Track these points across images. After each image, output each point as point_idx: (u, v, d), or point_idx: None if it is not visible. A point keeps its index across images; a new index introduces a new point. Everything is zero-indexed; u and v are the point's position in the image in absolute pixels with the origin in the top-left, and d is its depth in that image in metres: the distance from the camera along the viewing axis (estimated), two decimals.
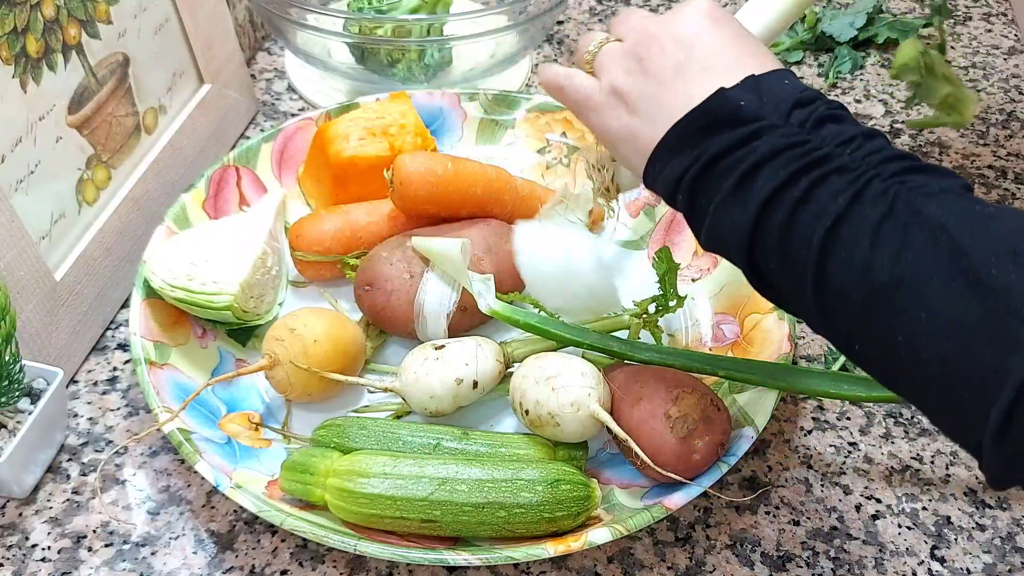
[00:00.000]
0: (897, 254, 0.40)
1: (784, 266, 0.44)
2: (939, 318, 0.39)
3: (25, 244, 0.63)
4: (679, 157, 0.48)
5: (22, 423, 0.60)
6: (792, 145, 0.44)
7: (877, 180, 0.42)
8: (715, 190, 0.46)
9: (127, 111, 0.75)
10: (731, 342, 0.70)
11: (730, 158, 0.46)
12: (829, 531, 0.62)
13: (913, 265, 0.40)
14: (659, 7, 1.10)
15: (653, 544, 0.61)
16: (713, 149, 0.46)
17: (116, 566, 0.59)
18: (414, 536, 0.58)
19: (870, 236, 0.41)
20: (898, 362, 0.41)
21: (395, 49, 0.88)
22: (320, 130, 0.77)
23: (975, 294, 0.38)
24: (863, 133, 0.45)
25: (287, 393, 0.65)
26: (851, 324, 0.43)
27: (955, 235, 0.39)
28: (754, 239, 0.45)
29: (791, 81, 0.48)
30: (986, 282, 0.37)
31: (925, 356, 0.39)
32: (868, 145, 0.44)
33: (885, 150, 0.44)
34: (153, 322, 0.67)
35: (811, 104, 0.46)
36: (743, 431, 0.61)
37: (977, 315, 0.38)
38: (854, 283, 0.41)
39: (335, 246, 0.73)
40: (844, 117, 0.46)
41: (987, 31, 1.09)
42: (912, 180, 0.42)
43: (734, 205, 0.45)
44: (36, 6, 0.64)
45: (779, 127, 0.45)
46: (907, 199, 0.41)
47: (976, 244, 0.38)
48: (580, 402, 0.58)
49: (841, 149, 0.44)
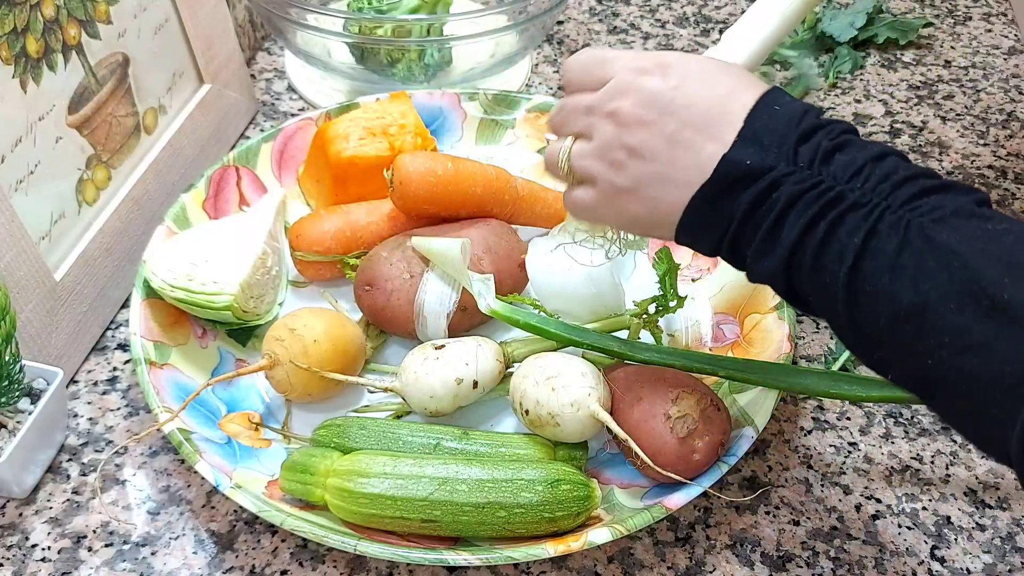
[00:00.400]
0: (915, 283, 0.42)
1: (821, 302, 0.46)
2: (961, 340, 0.40)
3: (25, 244, 0.63)
4: (708, 230, 0.49)
5: (22, 423, 0.60)
6: (807, 190, 0.45)
7: (889, 213, 0.43)
8: (747, 244, 0.48)
9: (127, 111, 0.75)
10: (731, 342, 0.70)
11: (755, 215, 0.47)
12: (829, 531, 0.62)
13: (931, 292, 0.41)
14: (659, 7, 1.10)
15: (653, 544, 0.61)
16: (738, 213, 0.47)
17: (116, 566, 0.59)
18: (414, 536, 0.58)
19: (889, 268, 0.43)
20: (931, 383, 0.43)
21: (395, 49, 0.88)
22: (320, 130, 0.77)
23: (991, 314, 0.39)
24: (872, 157, 0.45)
25: (287, 393, 0.65)
26: (884, 350, 0.45)
27: (967, 259, 0.41)
28: (790, 283, 0.47)
29: (782, 105, 0.48)
30: (1000, 301, 0.39)
31: (953, 376, 0.41)
32: (878, 171, 0.45)
33: (894, 174, 0.45)
34: (153, 322, 0.67)
35: (813, 136, 0.46)
36: (743, 431, 0.61)
37: (994, 332, 0.39)
38: (881, 313, 0.43)
39: (335, 246, 0.73)
40: (848, 143, 0.46)
41: (987, 31, 1.09)
42: (924, 204, 0.43)
43: (765, 257, 0.47)
44: (36, 6, 0.64)
45: (791, 173, 0.46)
46: (919, 227, 0.42)
47: (988, 264, 0.40)
48: (580, 402, 0.58)
49: (853, 183, 0.45)
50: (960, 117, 0.96)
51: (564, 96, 0.55)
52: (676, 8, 1.10)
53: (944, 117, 0.96)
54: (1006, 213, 0.85)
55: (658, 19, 1.09)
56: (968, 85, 1.01)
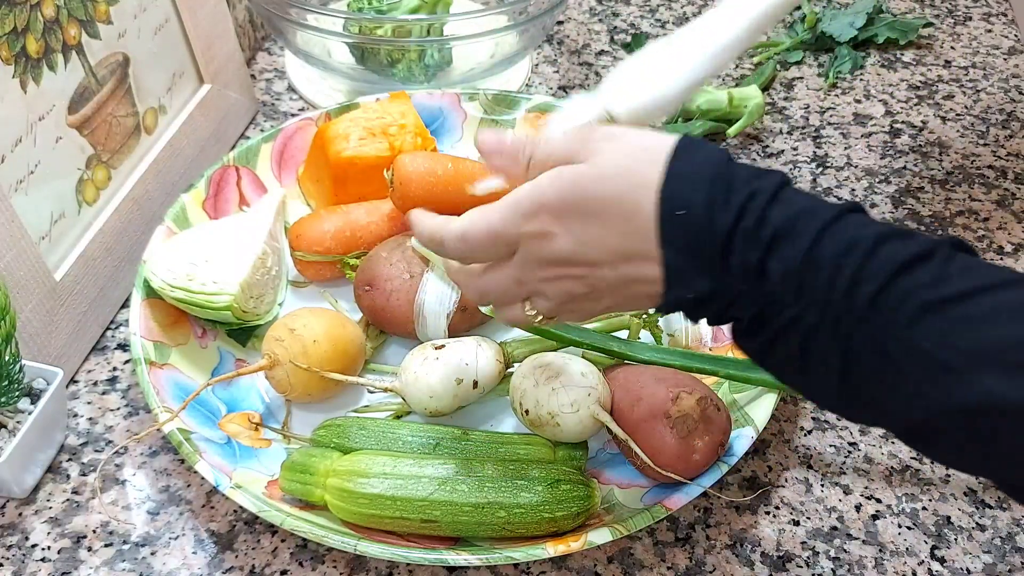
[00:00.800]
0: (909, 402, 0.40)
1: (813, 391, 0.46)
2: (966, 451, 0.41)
3: (25, 244, 0.63)
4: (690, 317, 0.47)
5: (22, 423, 0.60)
6: (762, 312, 0.43)
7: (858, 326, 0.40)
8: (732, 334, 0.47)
9: (127, 111, 0.75)
10: (731, 342, 0.70)
11: (724, 322, 0.46)
12: (829, 531, 0.62)
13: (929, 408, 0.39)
14: (659, 7, 1.10)
15: (653, 544, 0.61)
16: (710, 322, 0.46)
17: (116, 566, 0.59)
18: (414, 536, 0.58)
19: (880, 385, 0.41)
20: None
21: (395, 49, 0.88)
22: (320, 130, 0.77)
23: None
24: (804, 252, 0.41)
25: (287, 393, 0.65)
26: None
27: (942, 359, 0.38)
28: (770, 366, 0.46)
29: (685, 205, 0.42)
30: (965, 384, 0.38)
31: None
32: (820, 276, 0.40)
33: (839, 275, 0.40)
34: (153, 322, 0.67)
35: (732, 245, 0.42)
36: (743, 431, 0.61)
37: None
38: (886, 421, 0.44)
39: (335, 246, 0.73)
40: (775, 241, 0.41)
41: (987, 31, 1.09)
42: (888, 299, 0.39)
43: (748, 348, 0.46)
44: (36, 6, 0.64)
45: (739, 296, 0.43)
46: (895, 337, 0.39)
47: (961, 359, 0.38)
48: (580, 402, 0.58)
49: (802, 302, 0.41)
50: (960, 117, 0.96)
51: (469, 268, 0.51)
52: (676, 8, 1.10)
53: (944, 117, 0.96)
54: (1005, 214, 0.85)
55: (658, 19, 1.09)
56: (968, 85, 1.01)
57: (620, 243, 0.45)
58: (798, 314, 0.42)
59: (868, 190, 0.88)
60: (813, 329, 0.41)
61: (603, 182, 0.44)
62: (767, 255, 0.41)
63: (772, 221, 0.41)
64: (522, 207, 0.46)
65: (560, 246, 0.46)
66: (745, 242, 0.42)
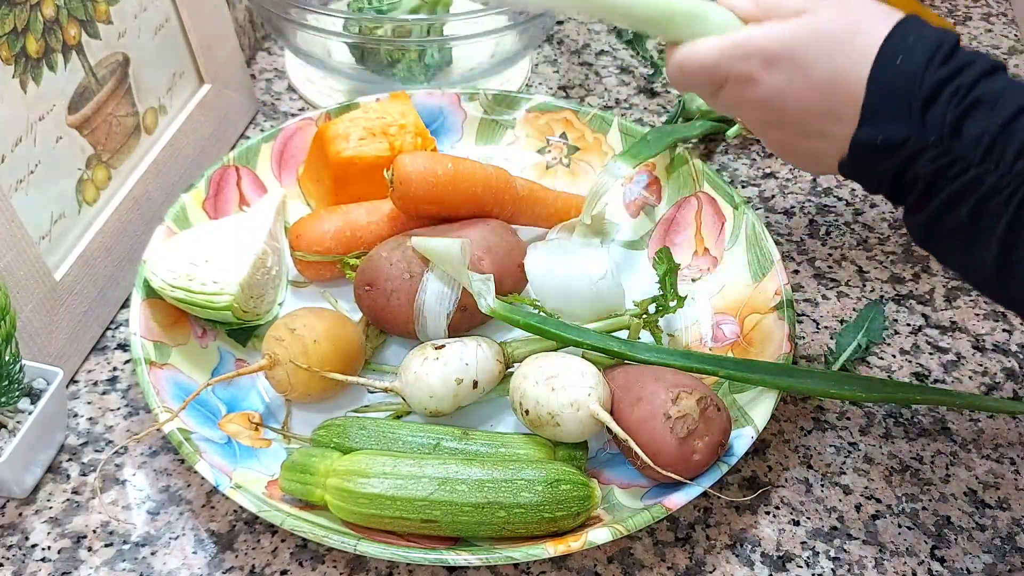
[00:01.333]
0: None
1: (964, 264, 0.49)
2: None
3: (25, 244, 0.63)
4: (862, 181, 0.51)
5: (22, 423, 0.60)
6: (943, 169, 0.46)
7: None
8: (899, 200, 0.50)
9: (127, 111, 0.75)
10: (731, 342, 0.70)
11: (901, 183, 0.48)
12: (829, 531, 0.62)
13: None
14: None
15: (653, 544, 0.61)
16: (885, 179, 0.49)
17: (116, 566, 0.59)
18: (414, 536, 0.58)
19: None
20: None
21: (395, 49, 0.88)
22: (320, 130, 0.77)
23: None
24: (1002, 124, 0.44)
25: (287, 393, 0.65)
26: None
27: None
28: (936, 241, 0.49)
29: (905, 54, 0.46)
30: None
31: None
32: (1011, 146, 0.44)
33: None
34: (153, 322, 0.67)
35: (939, 98, 0.45)
36: (743, 431, 0.61)
37: None
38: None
39: (335, 246, 0.73)
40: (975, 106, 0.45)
41: (987, 31, 1.09)
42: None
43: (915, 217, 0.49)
44: (36, 6, 0.64)
45: (924, 149, 0.46)
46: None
47: None
48: (580, 402, 0.58)
49: (986, 163, 0.44)
50: None
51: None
52: None
53: None
54: None
55: None
56: None
57: (819, 101, 0.49)
58: (979, 175, 0.44)
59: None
60: (990, 193, 0.44)
61: (820, 41, 0.48)
62: (966, 115, 0.45)
63: (980, 88, 0.45)
64: (739, 48, 0.51)
65: (760, 92, 0.50)
66: (951, 98, 0.45)
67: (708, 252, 0.76)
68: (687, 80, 0.54)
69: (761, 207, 0.86)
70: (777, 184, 0.88)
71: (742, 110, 0.53)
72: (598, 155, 0.83)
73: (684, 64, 0.53)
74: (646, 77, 1.00)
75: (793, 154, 0.54)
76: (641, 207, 0.81)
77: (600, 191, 0.73)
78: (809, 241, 0.83)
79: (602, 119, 0.84)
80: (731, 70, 0.51)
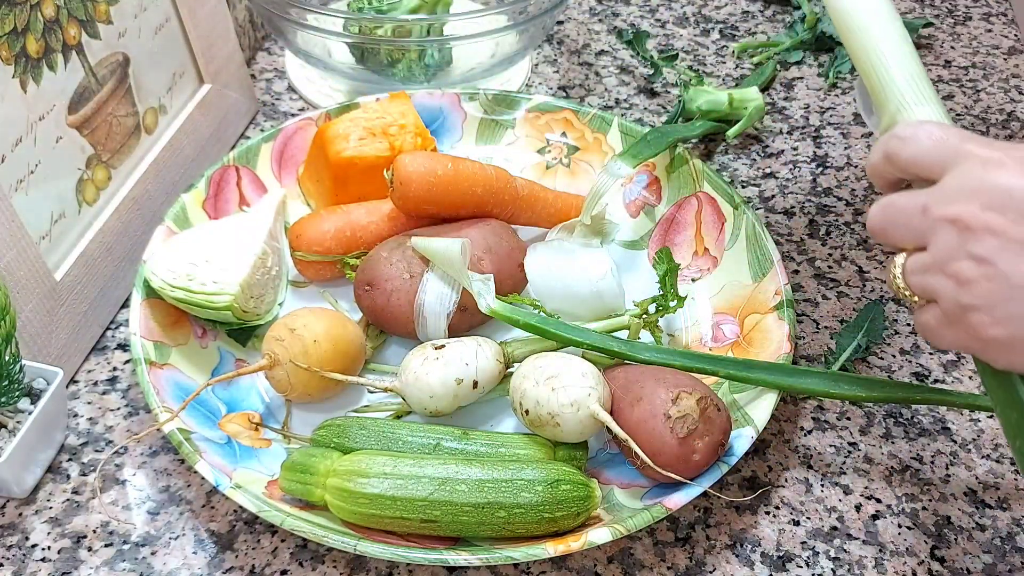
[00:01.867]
0: None
1: None
2: None
3: (25, 244, 0.63)
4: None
5: (22, 423, 0.60)
6: None
7: None
8: None
9: (127, 111, 0.75)
10: (731, 342, 0.70)
11: None
12: (829, 531, 0.62)
13: None
14: (659, 7, 1.10)
15: (653, 544, 0.61)
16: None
17: (116, 566, 0.59)
18: (414, 536, 0.58)
19: None
20: None
21: (395, 49, 0.88)
22: (320, 130, 0.77)
23: None
24: None
25: (287, 393, 0.65)
26: None
27: None
28: None
29: None
30: None
31: None
32: None
33: None
34: (153, 322, 0.67)
35: None
36: (743, 431, 0.61)
37: None
38: None
39: (335, 246, 0.73)
40: None
41: (987, 31, 1.09)
42: None
43: None
44: (36, 6, 0.64)
45: None
46: None
47: None
48: (580, 402, 0.58)
49: None
50: (960, 117, 0.96)
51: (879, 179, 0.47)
52: (676, 8, 1.10)
53: None
54: None
55: (658, 19, 1.09)
56: (968, 85, 1.01)
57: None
58: None
59: (868, 190, 0.88)
60: None
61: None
62: None
63: None
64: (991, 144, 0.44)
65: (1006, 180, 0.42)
66: None
67: (708, 252, 0.76)
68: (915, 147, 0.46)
69: (761, 207, 0.86)
70: (777, 184, 0.88)
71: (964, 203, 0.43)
72: (598, 155, 0.84)
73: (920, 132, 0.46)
74: (646, 77, 1.00)
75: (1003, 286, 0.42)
76: (641, 207, 0.81)
77: (600, 191, 0.73)
78: (809, 241, 0.83)
79: (602, 119, 0.84)
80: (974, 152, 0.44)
